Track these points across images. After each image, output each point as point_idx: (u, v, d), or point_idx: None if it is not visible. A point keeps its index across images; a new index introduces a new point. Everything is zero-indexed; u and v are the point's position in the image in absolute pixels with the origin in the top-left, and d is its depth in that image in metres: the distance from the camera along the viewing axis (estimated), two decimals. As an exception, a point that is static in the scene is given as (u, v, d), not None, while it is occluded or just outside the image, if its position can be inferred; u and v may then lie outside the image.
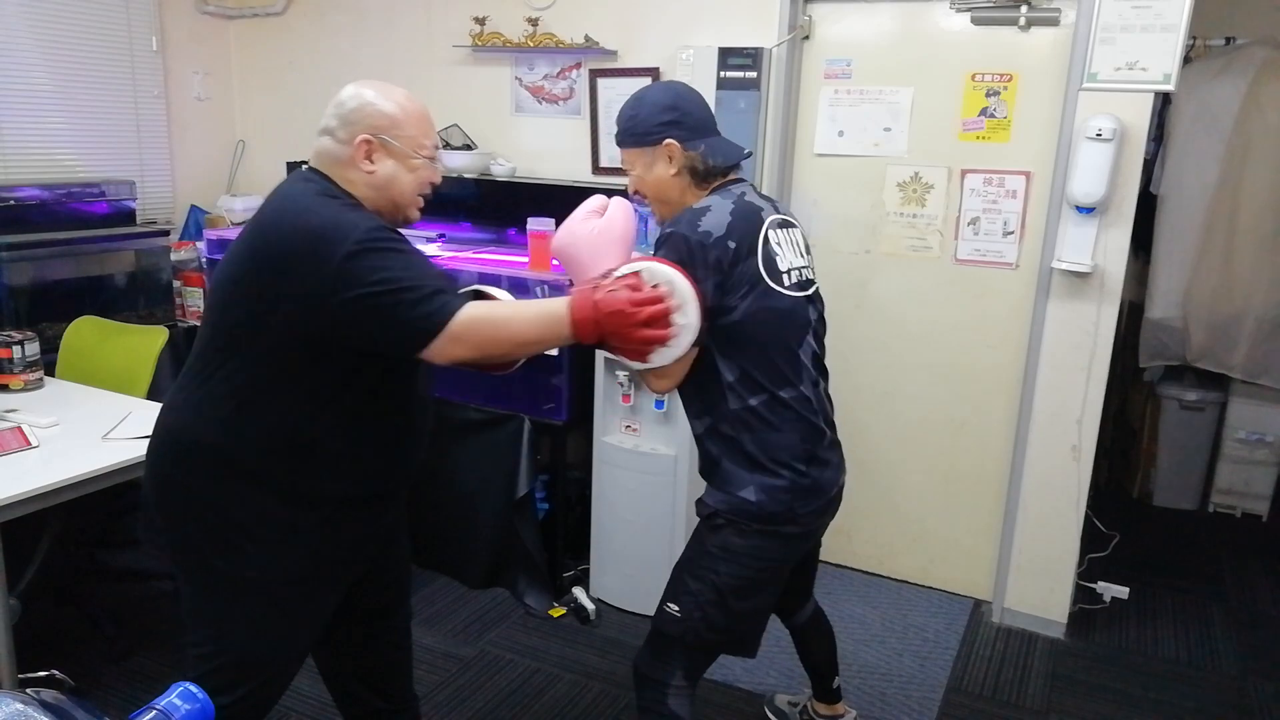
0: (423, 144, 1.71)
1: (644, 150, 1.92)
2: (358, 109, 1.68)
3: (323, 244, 1.51)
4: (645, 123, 1.91)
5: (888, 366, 3.40)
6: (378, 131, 1.67)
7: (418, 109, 1.74)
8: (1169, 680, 2.96)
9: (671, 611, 1.95)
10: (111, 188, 3.86)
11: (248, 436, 1.62)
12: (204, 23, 4.31)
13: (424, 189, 1.74)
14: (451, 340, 1.51)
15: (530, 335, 1.59)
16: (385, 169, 1.68)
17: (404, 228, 1.75)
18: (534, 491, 3.22)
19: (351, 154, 1.66)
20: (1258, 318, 3.88)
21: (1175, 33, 2.68)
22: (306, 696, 2.65)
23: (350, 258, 1.50)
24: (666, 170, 1.91)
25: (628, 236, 1.82)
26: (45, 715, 0.86)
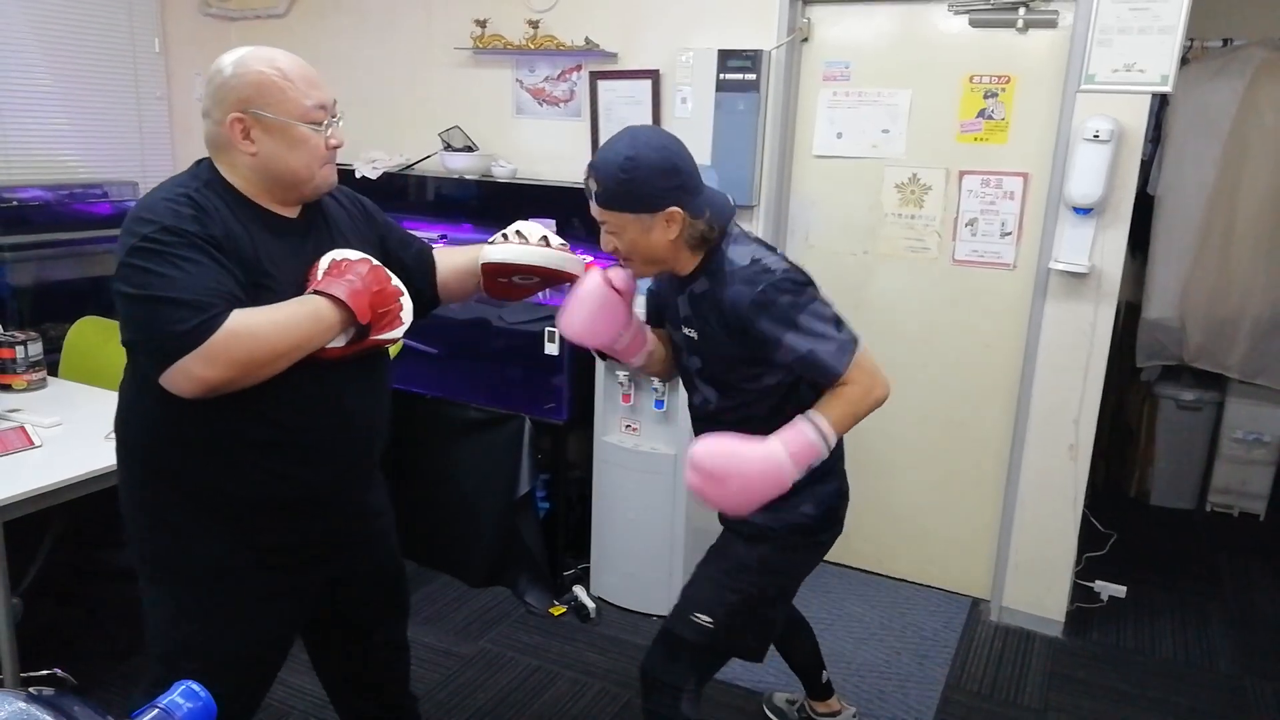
0: (308, 110, 1.54)
1: (640, 216, 1.73)
2: (224, 83, 1.52)
3: (125, 232, 1.46)
4: (645, 187, 1.70)
5: (885, 367, 3.34)
6: (249, 105, 1.51)
7: (296, 68, 1.55)
8: (1166, 679, 2.97)
9: (703, 622, 1.93)
10: (114, 189, 3.88)
11: (151, 434, 1.58)
12: (206, 24, 4.32)
13: (323, 158, 1.58)
14: (204, 361, 1.39)
15: (295, 338, 1.48)
16: (267, 146, 1.53)
17: (319, 195, 1.65)
18: (534, 491, 3.23)
19: (228, 135, 1.52)
20: (1255, 318, 3.89)
21: (1172, 34, 2.69)
22: (306, 695, 2.66)
23: (130, 251, 1.43)
24: (665, 236, 1.75)
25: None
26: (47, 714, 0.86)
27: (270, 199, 1.59)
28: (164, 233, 1.44)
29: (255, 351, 1.44)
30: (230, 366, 1.42)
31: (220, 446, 1.56)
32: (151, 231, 1.43)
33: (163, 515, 1.62)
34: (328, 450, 1.65)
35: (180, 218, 1.46)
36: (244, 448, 1.57)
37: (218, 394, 1.44)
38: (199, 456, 1.57)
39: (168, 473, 1.59)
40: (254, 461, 1.58)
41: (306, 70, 1.57)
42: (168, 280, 1.41)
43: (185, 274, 1.42)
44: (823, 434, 1.71)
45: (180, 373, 1.41)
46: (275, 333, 1.46)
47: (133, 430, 1.62)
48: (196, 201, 1.50)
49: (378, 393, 1.76)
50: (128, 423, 1.63)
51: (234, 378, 1.44)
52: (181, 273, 1.42)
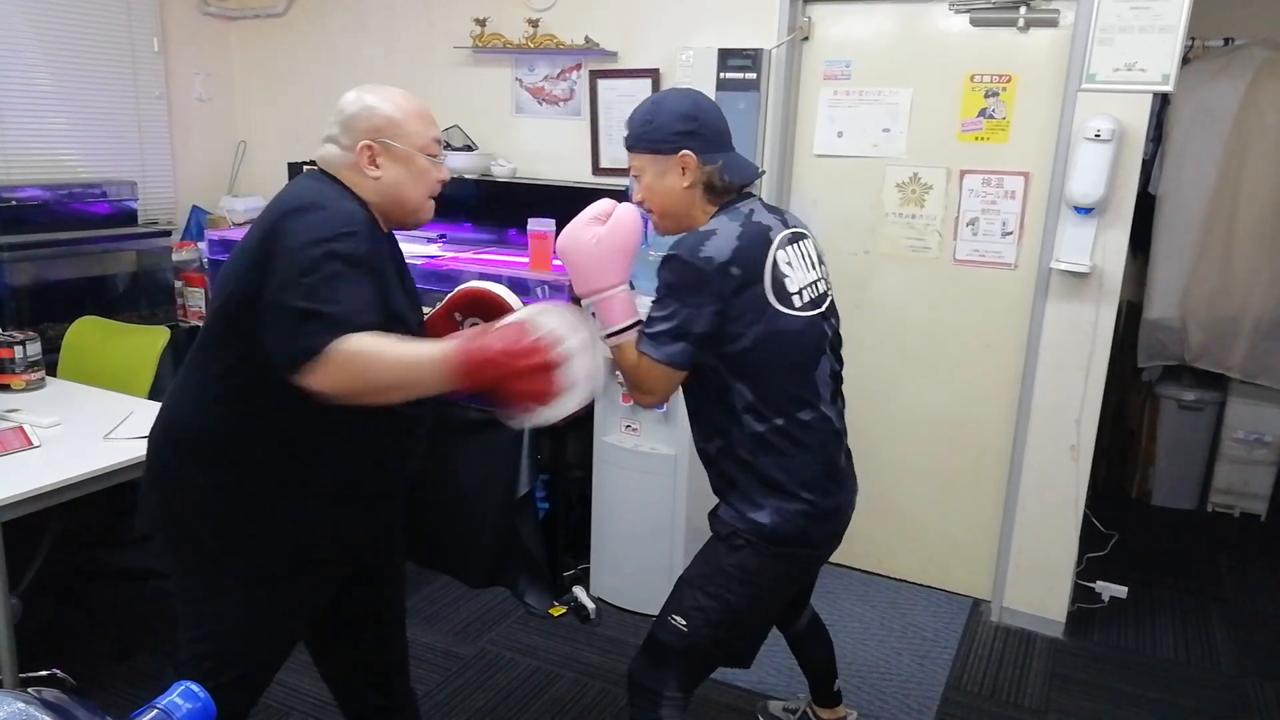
0: (427, 143, 1.70)
1: (657, 158, 1.84)
2: (358, 114, 1.68)
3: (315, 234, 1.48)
4: (662, 130, 1.82)
5: (887, 366, 3.41)
6: (379, 135, 1.66)
7: (417, 108, 1.73)
8: (1167, 679, 2.96)
9: (678, 624, 1.92)
10: (113, 188, 3.87)
11: (230, 427, 1.63)
12: (205, 24, 4.31)
13: (433, 188, 1.73)
14: (318, 375, 1.40)
15: (404, 378, 1.44)
16: (390, 173, 1.67)
17: (419, 224, 1.76)
18: (534, 491, 3.22)
19: (356, 159, 1.66)
20: (1256, 317, 3.89)
21: (1174, 34, 2.69)
22: (307, 695, 2.66)
23: (325, 258, 1.46)
24: (678, 182, 1.84)
25: (628, 247, 1.80)
26: (47, 714, 0.86)
27: (381, 220, 1.70)
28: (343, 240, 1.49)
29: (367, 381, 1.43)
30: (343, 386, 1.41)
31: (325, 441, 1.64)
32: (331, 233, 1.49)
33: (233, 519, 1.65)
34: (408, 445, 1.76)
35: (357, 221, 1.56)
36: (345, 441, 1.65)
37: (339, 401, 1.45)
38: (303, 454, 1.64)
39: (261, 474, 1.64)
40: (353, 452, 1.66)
41: (424, 109, 1.74)
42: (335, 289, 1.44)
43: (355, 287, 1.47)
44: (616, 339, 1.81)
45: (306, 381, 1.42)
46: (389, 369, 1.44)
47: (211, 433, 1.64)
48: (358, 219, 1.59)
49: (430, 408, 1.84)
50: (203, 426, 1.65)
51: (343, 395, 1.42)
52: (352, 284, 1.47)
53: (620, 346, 1.81)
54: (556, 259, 2.08)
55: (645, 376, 1.81)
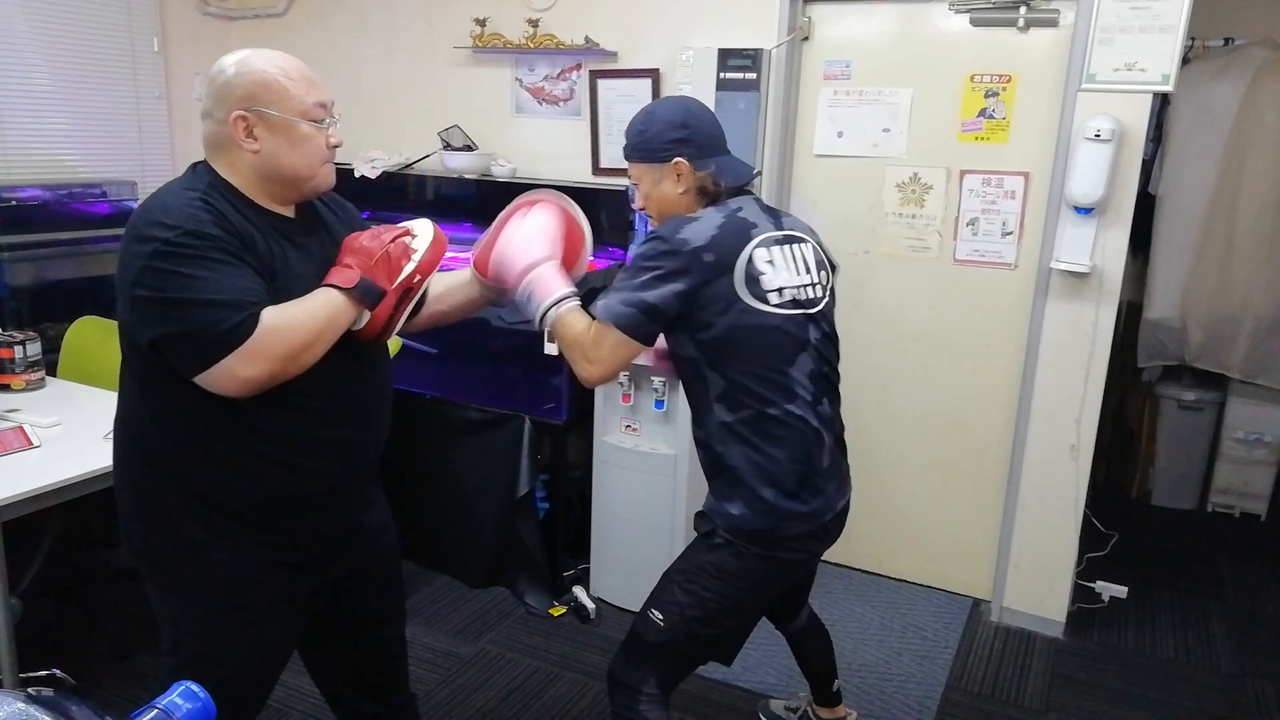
0: (310, 108, 1.56)
1: (652, 167, 1.91)
2: (228, 82, 1.53)
3: (138, 237, 1.46)
4: (655, 139, 1.89)
5: (887, 366, 3.41)
6: (252, 103, 1.52)
7: (296, 68, 1.58)
8: (1167, 679, 2.96)
9: (655, 619, 1.93)
10: (113, 188, 3.87)
11: (156, 437, 1.59)
12: (205, 24, 4.31)
13: (323, 156, 1.61)
14: (246, 360, 1.42)
15: (319, 323, 1.51)
16: (269, 144, 1.54)
17: (317, 193, 1.66)
18: (534, 491, 3.23)
19: (230, 133, 1.53)
20: (1256, 318, 3.89)
21: (1174, 33, 2.69)
22: (307, 695, 2.66)
23: (152, 255, 1.42)
24: (674, 188, 1.90)
25: (547, 227, 1.87)
26: (47, 714, 0.86)
27: (269, 199, 1.60)
28: (189, 236, 1.44)
29: (293, 344, 1.47)
30: (272, 362, 1.45)
31: (241, 449, 1.57)
32: (175, 235, 1.44)
33: (176, 527, 1.61)
34: (344, 440, 1.68)
35: (201, 221, 1.47)
36: (265, 447, 1.58)
37: (259, 391, 1.47)
38: (219, 461, 1.57)
39: (184, 481, 1.59)
40: (271, 458, 1.59)
41: (306, 70, 1.60)
42: (202, 282, 1.42)
43: (218, 276, 1.44)
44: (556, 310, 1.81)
45: (223, 373, 1.43)
46: (306, 323, 1.50)
47: (141, 439, 1.61)
48: (211, 205, 1.51)
49: (384, 386, 1.80)
50: (134, 431, 1.63)
51: (278, 371, 1.47)
52: (214, 274, 1.43)
53: (562, 319, 1.81)
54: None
55: (593, 344, 1.79)
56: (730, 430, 1.85)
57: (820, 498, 1.89)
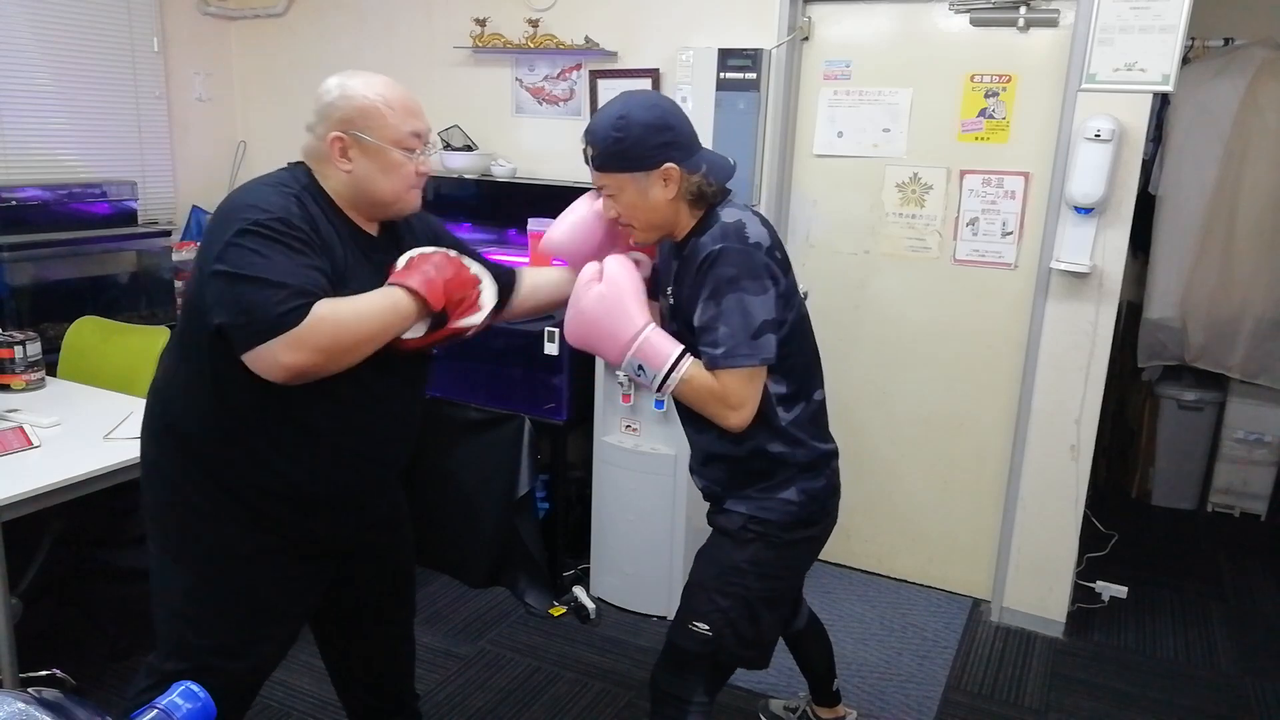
0: (404, 136, 1.62)
1: (636, 175, 1.74)
2: (331, 102, 1.60)
3: (228, 217, 1.50)
4: (638, 145, 1.72)
5: (887, 366, 3.41)
6: (350, 127, 1.59)
7: (399, 97, 1.63)
8: (1167, 679, 2.96)
9: (701, 631, 1.89)
10: (113, 188, 3.87)
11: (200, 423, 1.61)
12: (205, 23, 4.31)
13: (410, 182, 1.66)
14: (290, 346, 1.44)
15: (375, 326, 1.54)
16: (361, 166, 1.61)
17: (401, 216, 1.72)
18: (534, 491, 3.23)
19: (327, 150, 1.60)
20: (1256, 318, 3.89)
21: (1174, 33, 2.69)
22: (307, 695, 2.66)
23: (237, 234, 1.46)
24: (663, 195, 1.75)
25: (635, 288, 1.76)
26: (47, 714, 0.86)
27: (357, 214, 1.66)
28: (276, 221, 1.50)
29: (340, 338, 1.49)
30: (316, 352, 1.46)
31: (266, 438, 1.60)
32: (264, 218, 1.49)
33: (186, 495, 1.64)
34: (364, 455, 1.70)
35: (291, 212, 1.53)
36: (289, 441, 1.61)
37: (299, 380, 1.48)
38: (240, 445, 1.60)
39: (203, 457, 1.62)
40: (294, 456, 1.62)
41: (408, 100, 1.65)
42: (271, 263, 1.46)
43: (290, 260, 1.48)
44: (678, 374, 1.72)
45: (268, 355, 1.45)
46: (357, 321, 1.52)
47: (175, 410, 1.65)
48: (303, 204, 1.57)
49: (418, 399, 1.83)
50: (169, 402, 1.66)
51: (319, 364, 1.48)
52: (286, 259, 1.48)
53: (686, 381, 1.72)
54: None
55: (733, 391, 1.71)
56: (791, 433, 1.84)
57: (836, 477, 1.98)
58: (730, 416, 1.73)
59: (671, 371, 1.71)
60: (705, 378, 1.72)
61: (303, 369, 1.46)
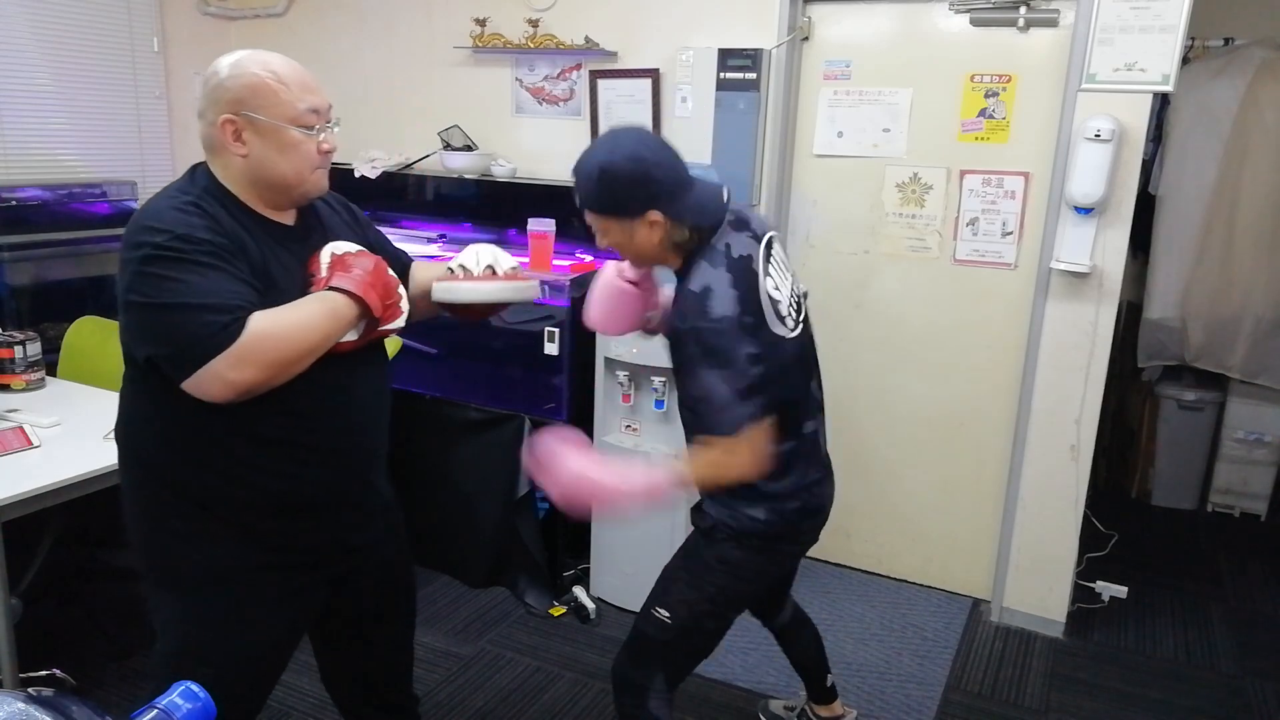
0: (301, 114, 1.53)
1: (621, 220, 1.75)
2: (219, 84, 1.51)
3: (129, 243, 1.45)
4: (619, 194, 1.72)
5: (886, 366, 3.41)
6: (241, 107, 1.50)
7: (291, 72, 1.53)
8: (1167, 679, 2.96)
9: (661, 616, 1.94)
10: (113, 188, 3.87)
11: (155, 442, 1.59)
12: (205, 24, 4.31)
13: (314, 162, 1.57)
14: (233, 364, 1.40)
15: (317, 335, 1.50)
16: (257, 149, 1.52)
17: (308, 200, 1.64)
18: (534, 491, 3.23)
19: (219, 136, 1.52)
20: (1256, 317, 3.89)
21: (1174, 34, 2.69)
22: (307, 695, 2.66)
23: (142, 260, 1.42)
24: (649, 238, 1.76)
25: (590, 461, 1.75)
26: (47, 714, 0.86)
27: (262, 203, 1.59)
28: (178, 240, 1.44)
29: (284, 351, 1.46)
30: (261, 368, 1.43)
31: (227, 453, 1.56)
32: (165, 240, 1.43)
33: (166, 522, 1.62)
34: (335, 449, 1.66)
35: (192, 226, 1.47)
36: (252, 452, 1.57)
37: (246, 397, 1.45)
38: (206, 464, 1.57)
39: (173, 481, 1.59)
40: (262, 465, 1.58)
41: (302, 74, 1.56)
42: (188, 286, 1.42)
43: (205, 280, 1.43)
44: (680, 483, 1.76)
45: (210, 377, 1.42)
46: (299, 331, 1.48)
47: (135, 439, 1.62)
48: (204, 209, 1.50)
49: (382, 390, 1.78)
50: (130, 432, 1.63)
51: (265, 379, 1.45)
52: (201, 279, 1.43)
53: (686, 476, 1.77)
54: (556, 258, 2.08)
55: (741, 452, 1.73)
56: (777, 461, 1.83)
57: (826, 487, 1.99)
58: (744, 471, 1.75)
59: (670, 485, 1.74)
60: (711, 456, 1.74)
61: (249, 386, 1.44)
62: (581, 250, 3.48)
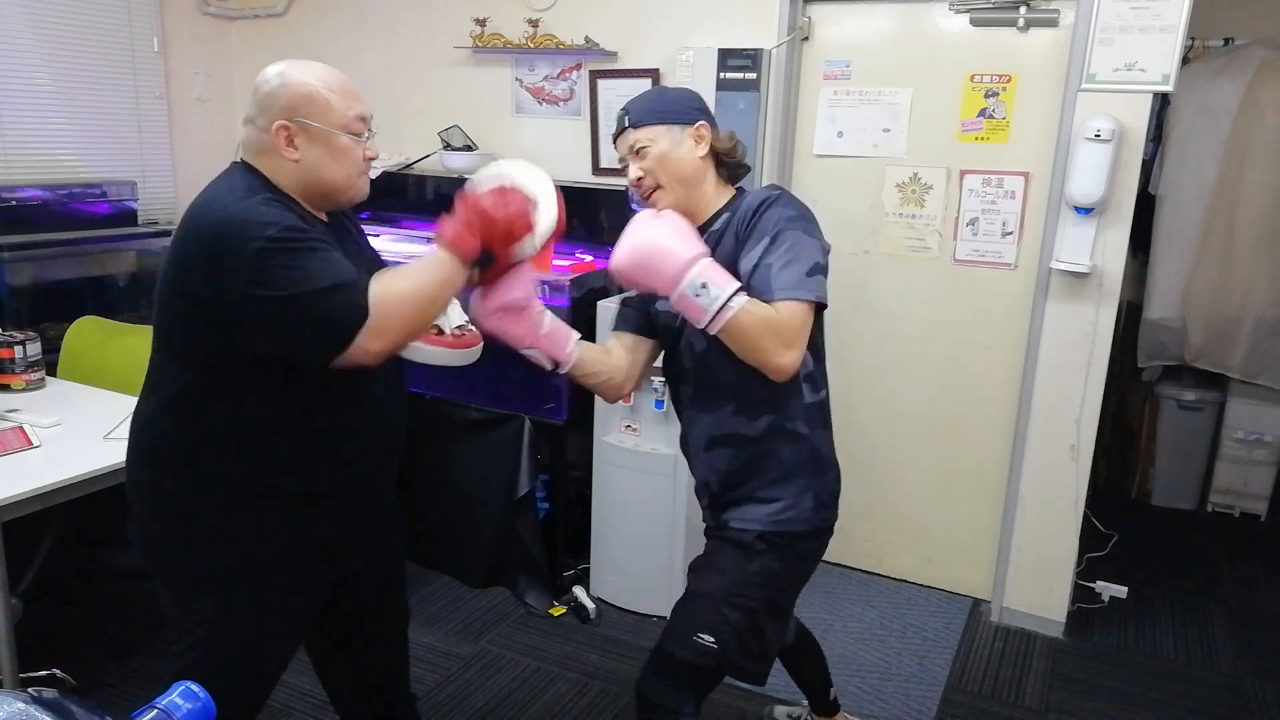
0: (350, 121, 1.60)
1: (671, 128, 1.80)
2: (272, 92, 1.57)
3: (233, 240, 1.45)
4: (675, 104, 1.84)
5: (886, 366, 3.41)
6: (294, 114, 1.56)
7: (339, 82, 1.61)
8: (1167, 679, 2.96)
9: (706, 643, 1.85)
10: (113, 188, 3.87)
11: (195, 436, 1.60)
12: (205, 23, 4.31)
13: (359, 167, 1.64)
14: (373, 335, 1.45)
15: (432, 289, 1.54)
16: (309, 154, 1.58)
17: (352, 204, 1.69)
18: (534, 491, 3.23)
19: (272, 141, 1.57)
20: (1256, 317, 3.89)
21: (1174, 33, 2.69)
22: (307, 695, 2.66)
23: (260, 255, 1.43)
24: (694, 151, 1.81)
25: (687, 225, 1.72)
26: (47, 714, 0.86)
27: (308, 204, 1.64)
28: (289, 230, 1.47)
29: (410, 311, 1.51)
30: (396, 332, 1.50)
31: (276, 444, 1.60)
32: (276, 232, 1.45)
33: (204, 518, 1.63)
34: (363, 442, 1.71)
35: (288, 216, 1.51)
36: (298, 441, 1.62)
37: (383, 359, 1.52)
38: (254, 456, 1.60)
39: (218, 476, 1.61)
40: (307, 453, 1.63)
41: (348, 84, 1.63)
42: (317, 272, 1.45)
43: (327, 263, 1.47)
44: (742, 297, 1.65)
45: (357, 351, 1.46)
46: (416, 289, 1.53)
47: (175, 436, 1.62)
48: (280, 204, 1.54)
49: (401, 385, 1.82)
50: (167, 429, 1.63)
51: (401, 341, 1.53)
52: (323, 263, 1.47)
53: (747, 307, 1.65)
54: (556, 259, 2.07)
55: (790, 325, 1.67)
56: (813, 413, 1.82)
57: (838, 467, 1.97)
58: (784, 354, 1.67)
59: (736, 294, 1.64)
60: (764, 307, 1.66)
61: (389, 350, 1.51)
62: (581, 250, 3.48)
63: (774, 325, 1.66)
